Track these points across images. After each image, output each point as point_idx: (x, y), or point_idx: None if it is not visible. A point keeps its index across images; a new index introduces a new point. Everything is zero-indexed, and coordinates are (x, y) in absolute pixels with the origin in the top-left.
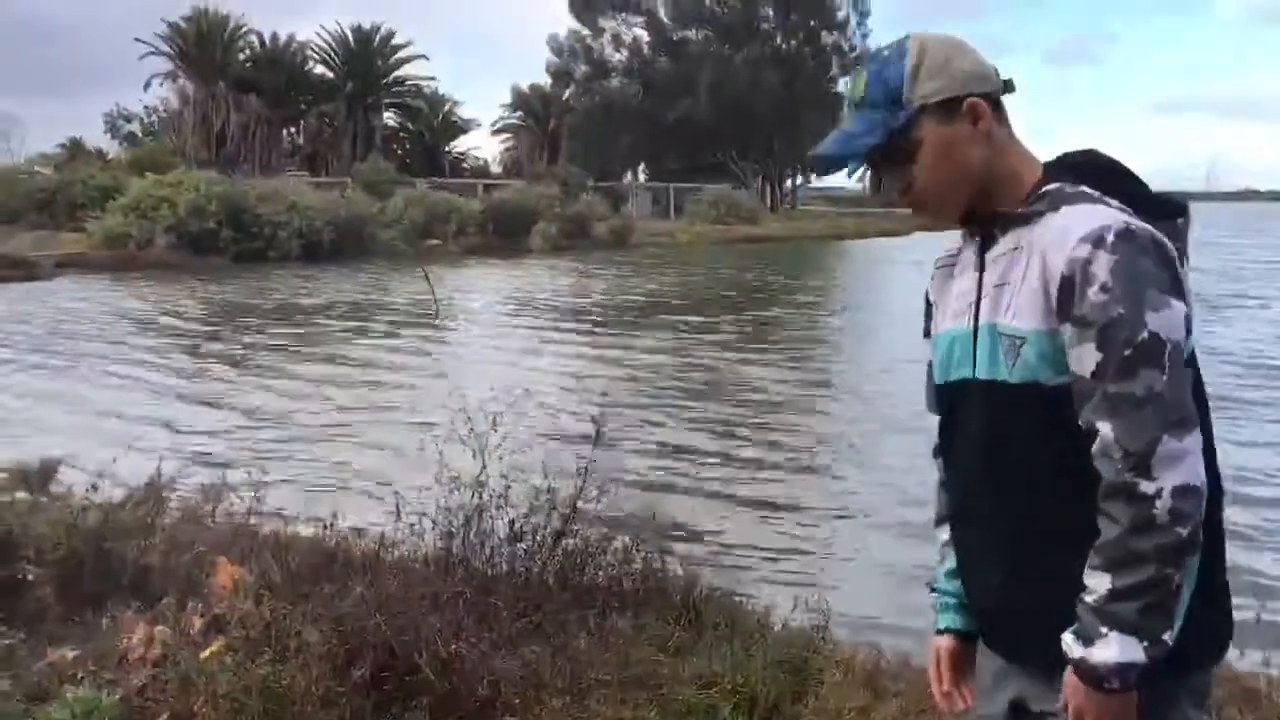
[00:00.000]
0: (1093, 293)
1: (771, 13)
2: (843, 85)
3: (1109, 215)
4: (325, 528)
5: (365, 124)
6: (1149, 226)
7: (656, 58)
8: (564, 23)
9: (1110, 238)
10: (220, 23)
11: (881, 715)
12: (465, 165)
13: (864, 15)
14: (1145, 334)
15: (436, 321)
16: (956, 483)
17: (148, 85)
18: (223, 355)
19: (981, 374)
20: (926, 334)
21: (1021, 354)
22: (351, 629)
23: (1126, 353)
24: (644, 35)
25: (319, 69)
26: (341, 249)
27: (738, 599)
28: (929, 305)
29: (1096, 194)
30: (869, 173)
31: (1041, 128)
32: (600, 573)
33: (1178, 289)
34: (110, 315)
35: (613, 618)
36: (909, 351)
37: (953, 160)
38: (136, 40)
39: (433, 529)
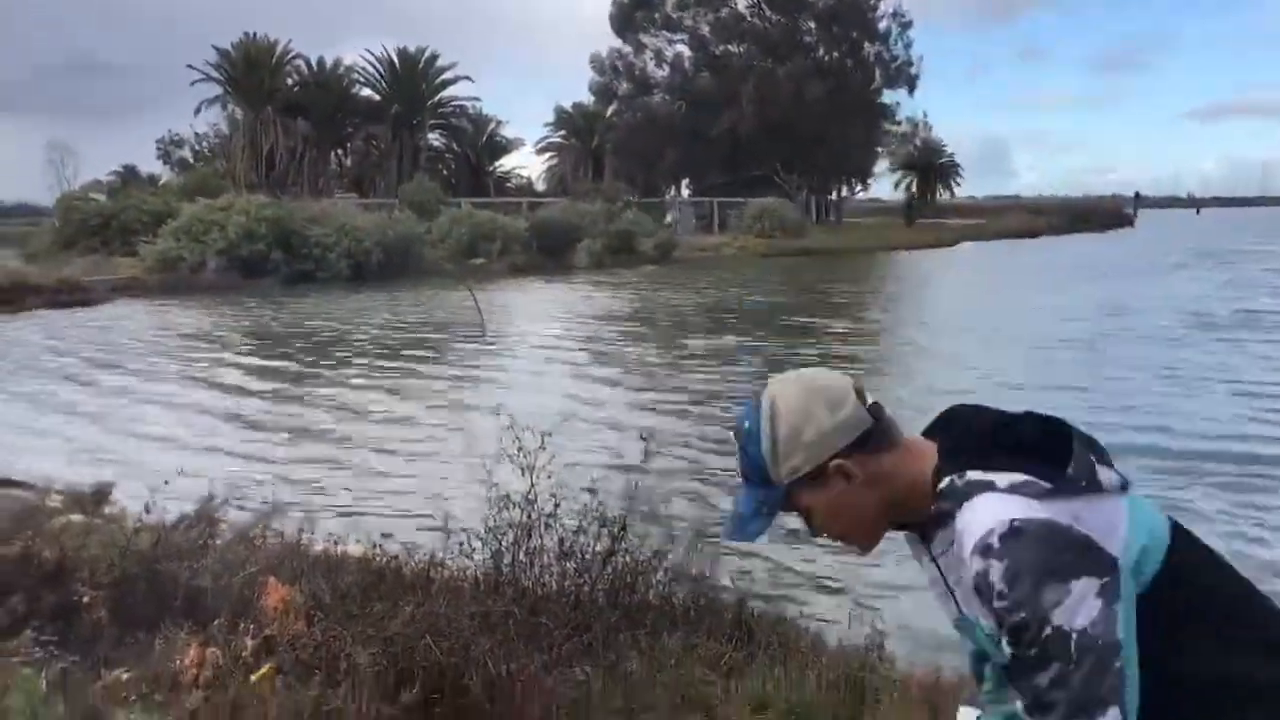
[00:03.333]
0: (995, 600)
1: (814, 25)
2: (886, 96)
3: (994, 514)
4: (374, 547)
5: (411, 145)
6: (1037, 508)
7: (699, 73)
8: (606, 41)
9: (995, 544)
10: (268, 49)
11: None
12: (509, 184)
13: (905, 26)
14: (1048, 630)
15: (484, 338)
16: None
17: (198, 111)
18: (273, 376)
19: (995, 658)
20: None
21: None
22: (401, 650)
23: (1032, 651)
24: (686, 51)
25: (365, 92)
26: (389, 269)
27: (790, 617)
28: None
29: (982, 477)
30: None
31: (1086, 138)
32: (650, 591)
33: (1081, 562)
34: (163, 339)
35: (663, 637)
36: (965, 364)
37: (845, 514)
38: (188, 67)
39: (482, 547)
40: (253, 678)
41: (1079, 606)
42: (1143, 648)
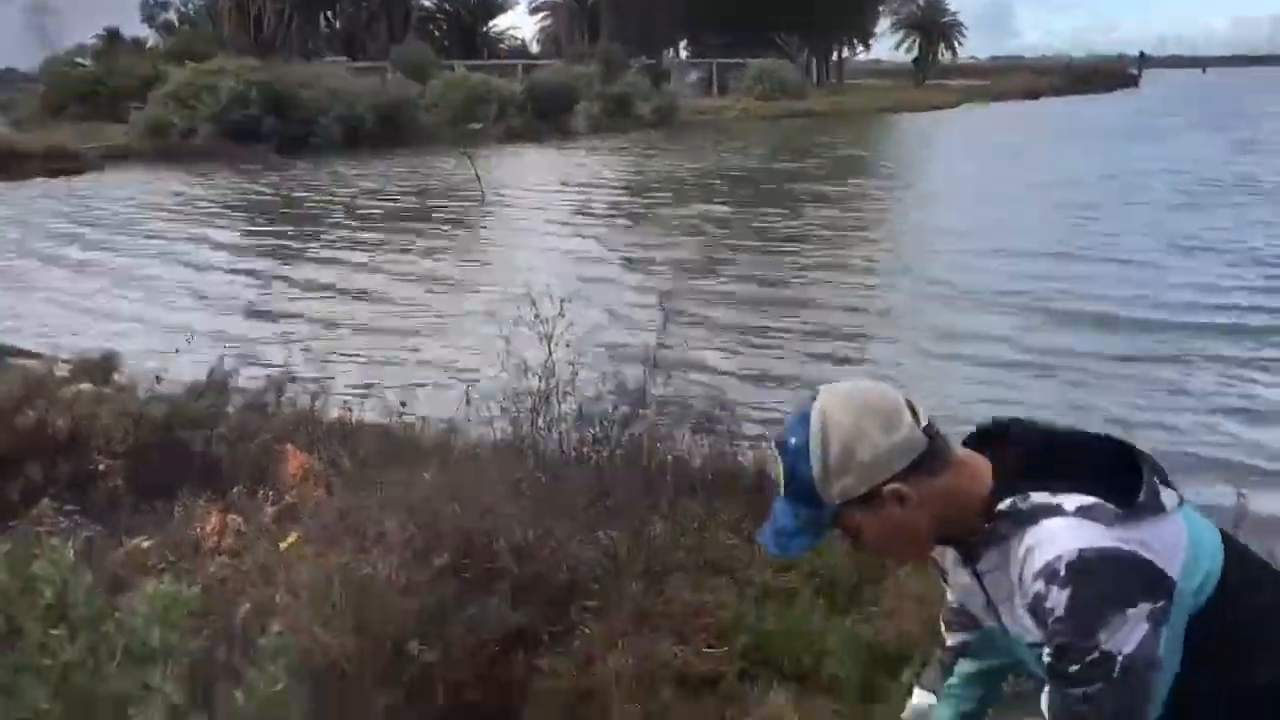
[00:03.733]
0: (1051, 623)
1: None
2: None
3: (1060, 543)
4: (392, 416)
5: (401, 5)
6: (1106, 536)
7: None
8: None
9: (1063, 571)
10: None
11: None
12: (503, 45)
13: None
14: (1096, 654)
15: (483, 204)
16: None
17: None
18: (273, 246)
19: (1036, 671)
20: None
21: None
22: (428, 518)
23: (1074, 668)
24: None
25: None
26: (384, 135)
27: None
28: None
29: (1048, 500)
30: None
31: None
32: (670, 457)
33: (1143, 590)
34: (158, 207)
35: (684, 502)
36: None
37: (896, 535)
38: None
39: (501, 415)
40: (281, 545)
41: (1131, 632)
42: (1181, 663)
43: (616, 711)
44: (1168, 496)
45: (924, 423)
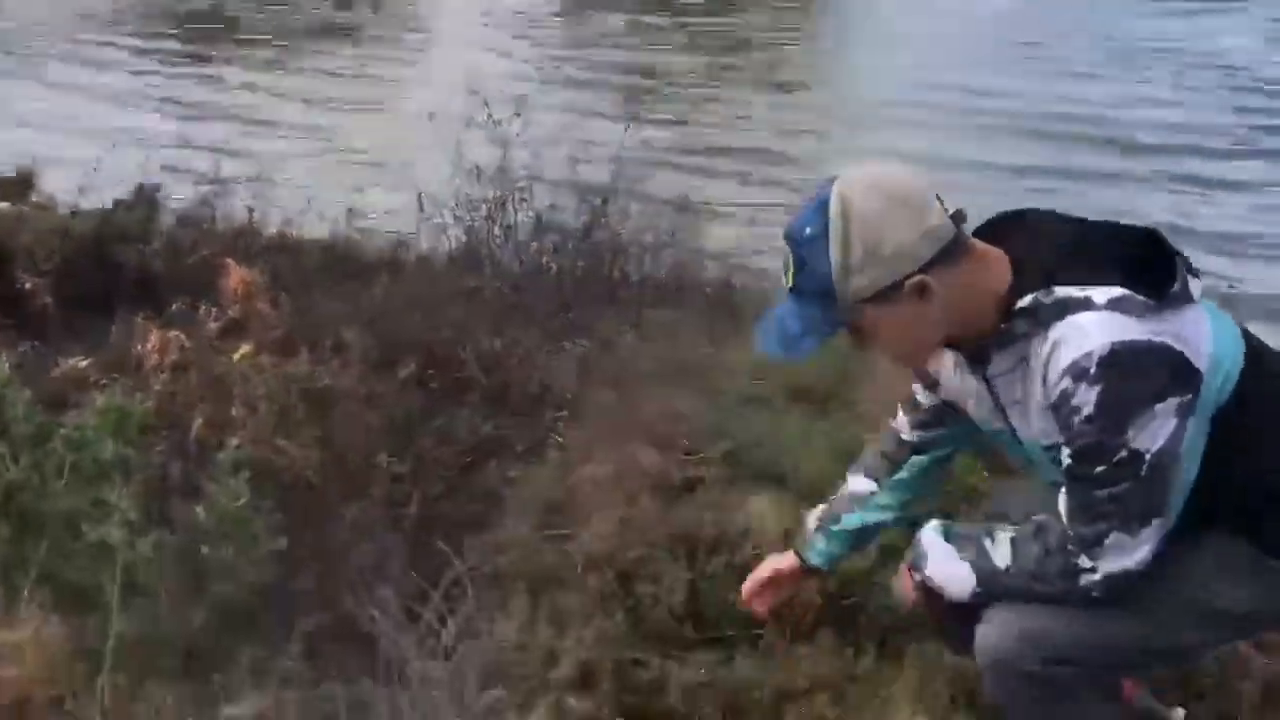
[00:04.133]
0: (1077, 422)
1: None
2: None
3: (1091, 337)
4: (337, 227)
5: None
6: (1138, 328)
7: None
8: None
9: (1093, 368)
10: None
11: None
12: None
13: None
14: (1124, 453)
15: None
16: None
17: None
18: (187, 53)
19: (1046, 478)
20: (913, 398)
21: None
22: (389, 327)
23: (1100, 468)
24: None
25: None
26: None
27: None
28: (922, 372)
29: (1076, 293)
30: None
31: None
32: (631, 268)
33: (1172, 382)
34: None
35: (651, 312)
36: None
37: (911, 335)
38: None
39: (454, 223)
40: (235, 356)
41: (1161, 428)
42: (1201, 459)
43: (595, 518)
44: (1195, 287)
45: (949, 209)
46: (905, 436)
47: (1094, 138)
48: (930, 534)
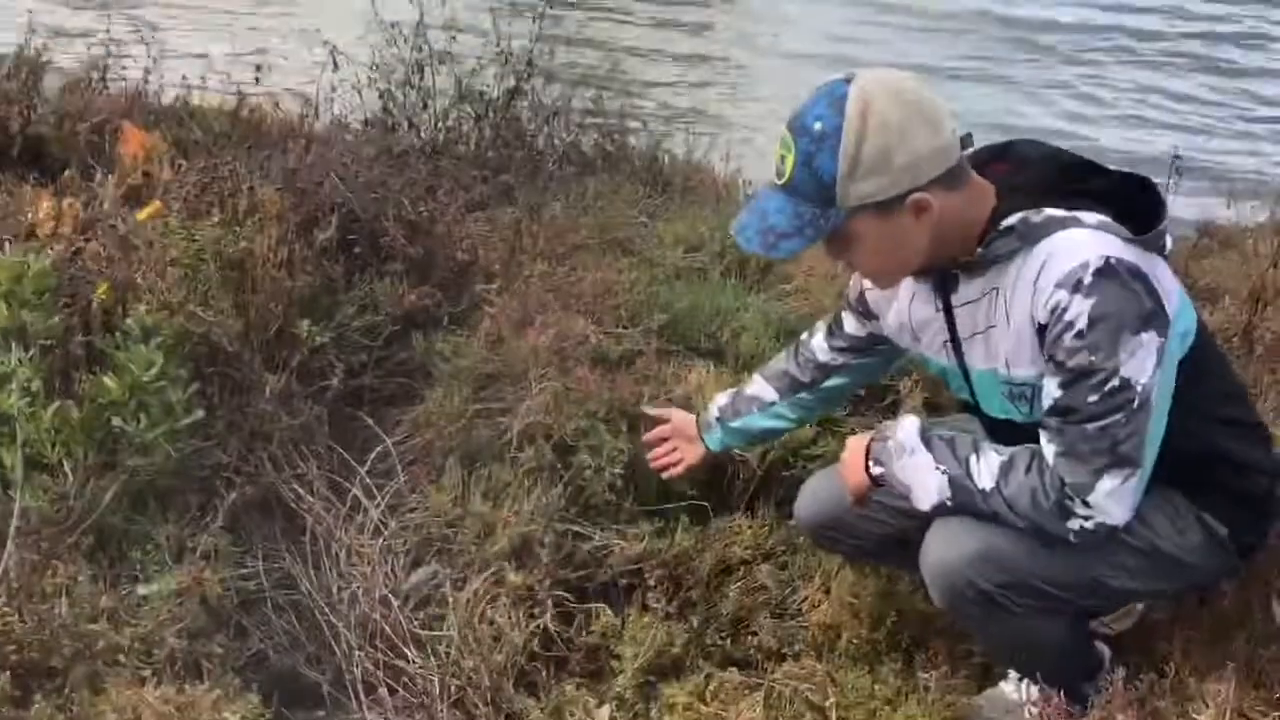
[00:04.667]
0: (1069, 339)
1: None
2: None
3: (1085, 249)
4: (238, 93)
5: None
6: (1126, 251)
7: None
8: None
9: (1087, 279)
10: None
11: None
12: None
13: None
14: (1116, 380)
15: None
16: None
17: None
18: None
19: (993, 412)
20: (838, 323)
21: (1034, 398)
22: (306, 188)
23: (1091, 398)
24: None
25: None
26: None
27: (703, 163)
28: (860, 301)
29: (1065, 214)
30: None
31: None
32: (556, 139)
33: (1155, 315)
34: None
35: (580, 182)
36: None
37: (893, 253)
38: None
39: (368, 86)
40: (139, 215)
41: (1145, 362)
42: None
43: (531, 390)
44: (1169, 242)
45: (959, 131)
46: (821, 358)
47: None
48: (910, 432)
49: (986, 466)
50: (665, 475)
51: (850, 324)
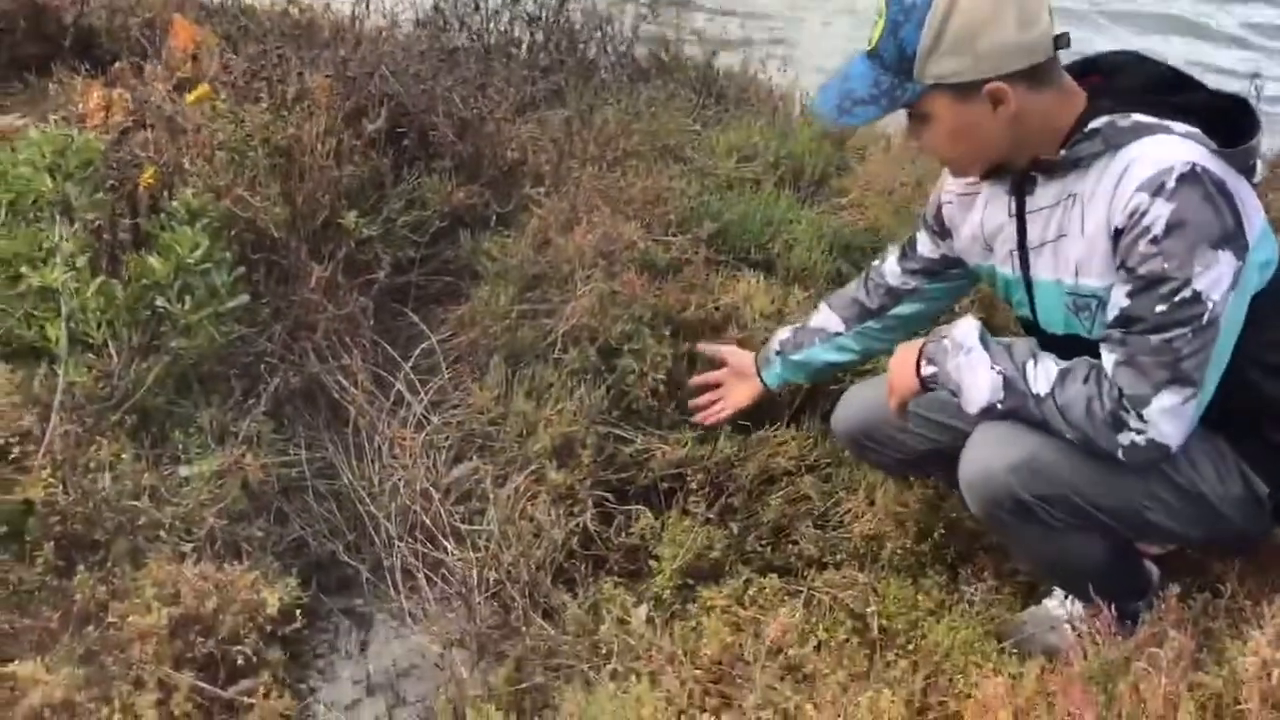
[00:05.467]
0: (1143, 244)
1: None
2: None
3: (1171, 154)
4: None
5: None
6: (1214, 163)
7: None
8: None
9: (1171, 183)
10: None
11: None
12: None
13: None
14: (1187, 291)
15: None
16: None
17: None
18: None
19: (1055, 329)
20: (911, 244)
21: (1098, 310)
22: (355, 79)
23: (1160, 308)
24: None
25: None
26: None
27: (760, 76)
28: (937, 219)
29: (1154, 121)
30: None
31: None
32: (609, 46)
33: (1235, 236)
34: None
35: (633, 88)
36: None
37: (968, 140)
38: None
39: None
40: (188, 98)
41: (1220, 280)
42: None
43: (577, 292)
44: (1260, 166)
45: (1056, 30)
46: (892, 281)
47: None
48: (968, 331)
49: (1044, 372)
50: (709, 423)
51: (924, 244)
